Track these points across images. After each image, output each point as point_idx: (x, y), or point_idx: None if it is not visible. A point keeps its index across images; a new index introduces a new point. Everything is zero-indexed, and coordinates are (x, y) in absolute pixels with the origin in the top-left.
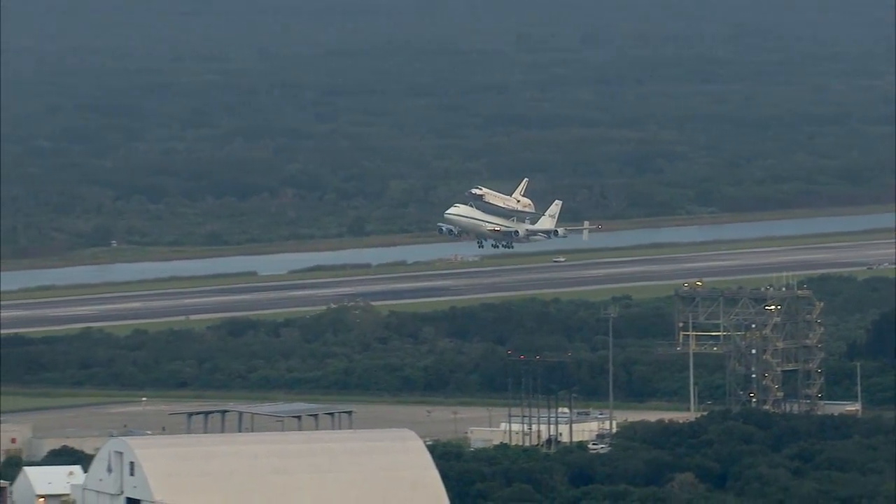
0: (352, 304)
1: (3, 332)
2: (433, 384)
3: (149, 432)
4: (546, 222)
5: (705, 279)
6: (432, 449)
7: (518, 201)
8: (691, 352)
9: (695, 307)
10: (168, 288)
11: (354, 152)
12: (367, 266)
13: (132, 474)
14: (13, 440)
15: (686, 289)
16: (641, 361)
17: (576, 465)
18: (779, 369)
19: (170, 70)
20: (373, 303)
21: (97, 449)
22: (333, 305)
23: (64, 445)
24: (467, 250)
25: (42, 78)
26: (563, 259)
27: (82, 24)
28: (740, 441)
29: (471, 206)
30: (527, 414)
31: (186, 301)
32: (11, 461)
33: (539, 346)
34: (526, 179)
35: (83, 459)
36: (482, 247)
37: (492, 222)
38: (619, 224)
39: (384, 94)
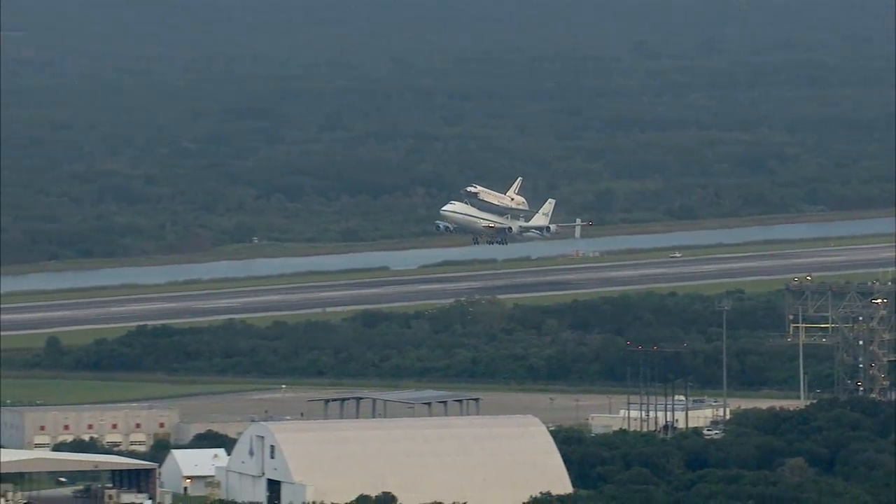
0: (479, 297)
1: (151, 323)
2: (556, 373)
3: (288, 418)
4: (540, 220)
5: (814, 274)
6: (555, 434)
7: (512, 199)
8: (801, 343)
9: (804, 301)
10: (306, 282)
11: (480, 153)
12: (493, 261)
13: (273, 457)
14: (161, 425)
15: (796, 283)
16: (753, 352)
17: (691, 449)
18: (885, 359)
19: (308, 76)
20: (498, 296)
21: (240, 433)
22: (462, 299)
23: (209, 430)
24: (587, 246)
25: (188, 84)
26: (679, 255)
27: (226, 33)
28: (848, 428)
29: (466, 203)
30: (644, 401)
31: (323, 294)
32: (160, 444)
33: (656, 337)
34: (520, 179)
35: (227, 443)
36: (477, 243)
37: (486, 219)
38: (732, 222)
39: (508, 98)
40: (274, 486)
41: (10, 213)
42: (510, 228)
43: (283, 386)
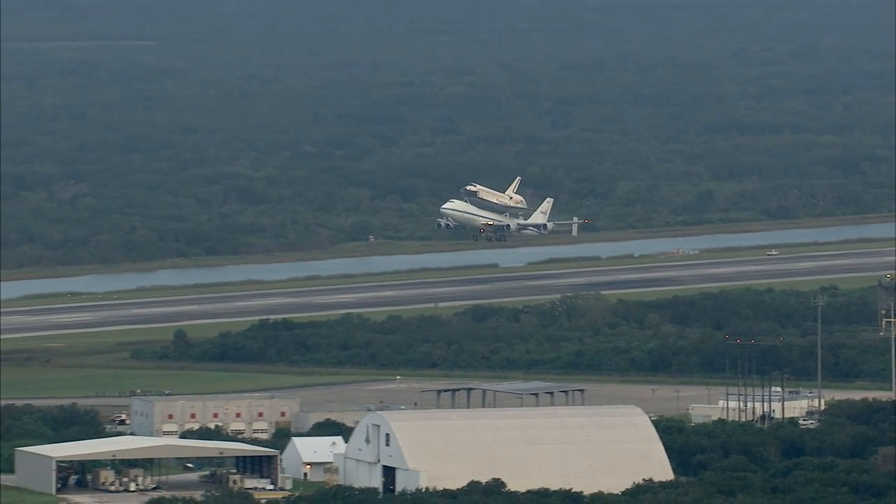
0: (584, 293)
1: (273, 317)
2: (657, 365)
3: (402, 407)
4: (538, 218)
5: None
6: (657, 424)
7: (511, 198)
8: (893, 337)
9: None
10: (419, 278)
11: (586, 156)
12: (598, 258)
13: (388, 444)
14: (282, 414)
15: (888, 279)
16: (847, 345)
17: (787, 438)
18: None
19: (422, 83)
20: (602, 292)
21: (357, 422)
22: (568, 294)
23: (327, 418)
24: (686, 244)
25: (309, 91)
26: (775, 252)
27: (345, 43)
28: None
29: (465, 201)
30: (742, 392)
31: (435, 290)
32: (281, 432)
33: (754, 331)
34: (518, 178)
35: (344, 431)
36: (477, 240)
37: (484, 217)
38: (826, 221)
39: (612, 103)
40: (389, 473)
41: (140, 212)
42: (508, 226)
43: (398, 377)
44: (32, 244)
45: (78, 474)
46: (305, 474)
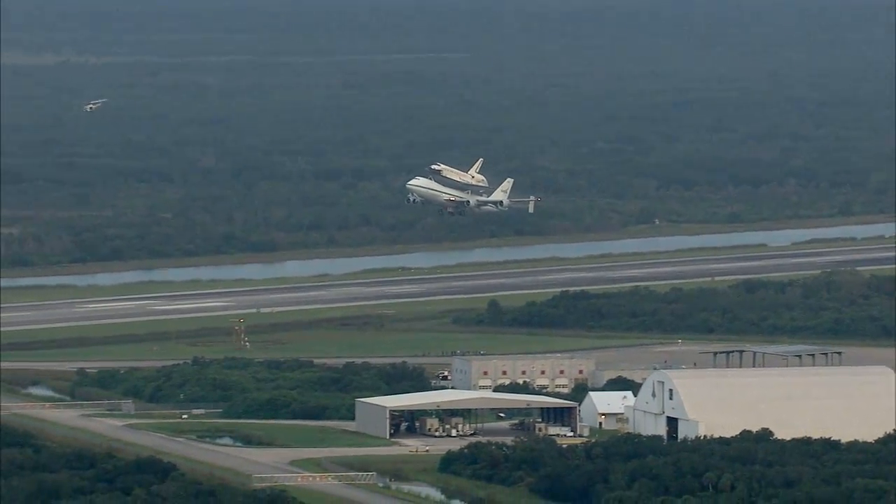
0: (842, 269)
1: (572, 288)
2: None
3: (683, 366)
4: (498, 195)
5: None
6: None
7: (473, 177)
8: None
9: None
10: (697, 256)
11: (843, 151)
12: (853, 239)
13: (671, 398)
14: (580, 371)
15: None
16: None
17: None
18: None
19: (698, 88)
20: (857, 268)
21: (644, 379)
22: (827, 270)
23: (619, 376)
24: None
25: (602, 95)
26: None
27: (630, 54)
28: None
29: (430, 178)
30: None
31: (712, 266)
32: (580, 387)
33: None
34: (481, 159)
35: (633, 386)
36: (443, 214)
37: (447, 193)
38: None
39: (866, 105)
40: (672, 423)
41: None
42: (468, 202)
43: (680, 341)
44: (369, 226)
45: (407, 422)
46: (600, 423)
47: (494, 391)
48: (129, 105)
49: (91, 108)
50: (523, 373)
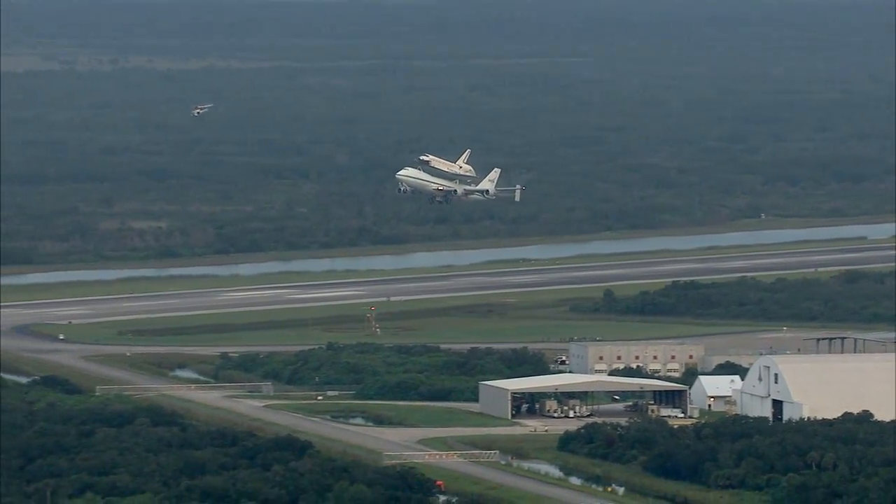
0: None
1: (683, 279)
2: None
3: (788, 352)
4: (485, 185)
5: None
6: None
7: (460, 167)
8: None
9: None
10: (801, 248)
11: None
12: None
13: (776, 382)
14: (690, 356)
15: None
16: None
17: None
18: None
19: (803, 90)
20: None
21: (751, 364)
22: None
23: (727, 361)
24: None
25: (711, 97)
26: None
27: (738, 58)
28: None
29: (419, 169)
30: None
31: (815, 258)
32: (690, 372)
33: None
34: (468, 150)
35: (740, 371)
36: (432, 203)
37: (435, 182)
38: None
39: None
40: (777, 405)
41: (577, 195)
42: (455, 191)
43: (784, 328)
44: (492, 220)
45: (528, 403)
46: (709, 405)
47: (609, 375)
48: (268, 107)
49: (198, 112)
50: (636, 358)
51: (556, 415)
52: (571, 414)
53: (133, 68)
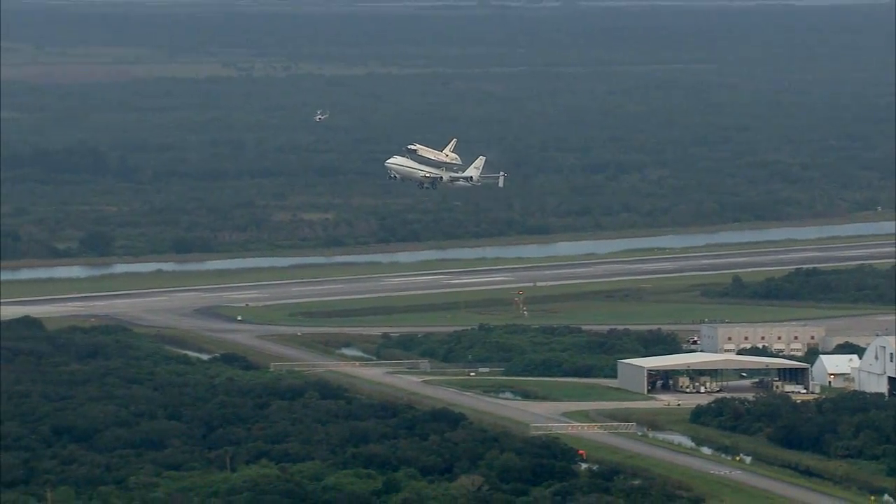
0: None
1: (805, 266)
2: None
3: None
4: (471, 172)
5: None
6: None
7: (447, 156)
8: None
9: None
10: None
11: None
12: None
13: (892, 360)
14: (812, 337)
15: None
16: None
17: None
18: None
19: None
20: None
21: (868, 344)
22: None
23: (846, 341)
24: None
25: (828, 99)
26: None
27: (856, 63)
28: None
29: (406, 157)
30: None
31: None
32: (811, 351)
33: None
34: (454, 139)
35: (858, 351)
36: (421, 188)
37: (422, 170)
38: None
39: None
40: (892, 382)
41: (707, 189)
42: (441, 178)
43: None
44: (629, 213)
45: (662, 380)
46: (829, 382)
47: (737, 354)
48: (425, 110)
49: (320, 118)
50: (762, 338)
51: (688, 390)
52: (702, 389)
53: (303, 74)
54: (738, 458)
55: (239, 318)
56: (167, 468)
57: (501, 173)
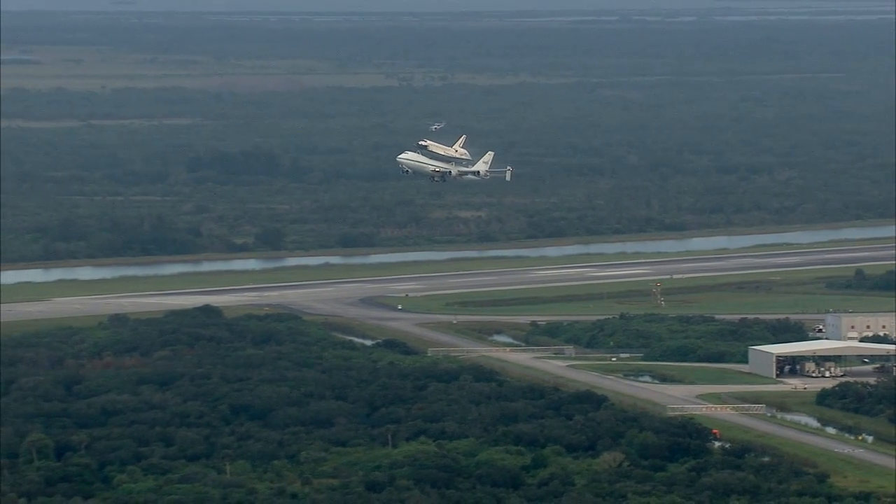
0: None
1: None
2: None
3: None
4: (479, 166)
5: None
6: None
7: (456, 151)
8: None
9: None
10: None
11: None
12: None
13: None
14: None
15: None
16: None
17: None
18: None
19: None
20: None
21: None
22: None
23: None
24: None
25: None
26: None
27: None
28: None
29: (417, 152)
30: None
31: None
32: None
33: None
34: (464, 136)
35: None
36: (432, 182)
37: (432, 164)
38: None
39: None
40: None
41: (831, 188)
42: (450, 172)
43: None
44: (759, 210)
45: (790, 365)
46: None
47: (860, 342)
48: (571, 116)
49: (436, 128)
50: (883, 327)
51: (814, 375)
52: (827, 374)
53: (459, 84)
54: (860, 438)
55: (399, 307)
56: (334, 444)
57: (508, 168)
